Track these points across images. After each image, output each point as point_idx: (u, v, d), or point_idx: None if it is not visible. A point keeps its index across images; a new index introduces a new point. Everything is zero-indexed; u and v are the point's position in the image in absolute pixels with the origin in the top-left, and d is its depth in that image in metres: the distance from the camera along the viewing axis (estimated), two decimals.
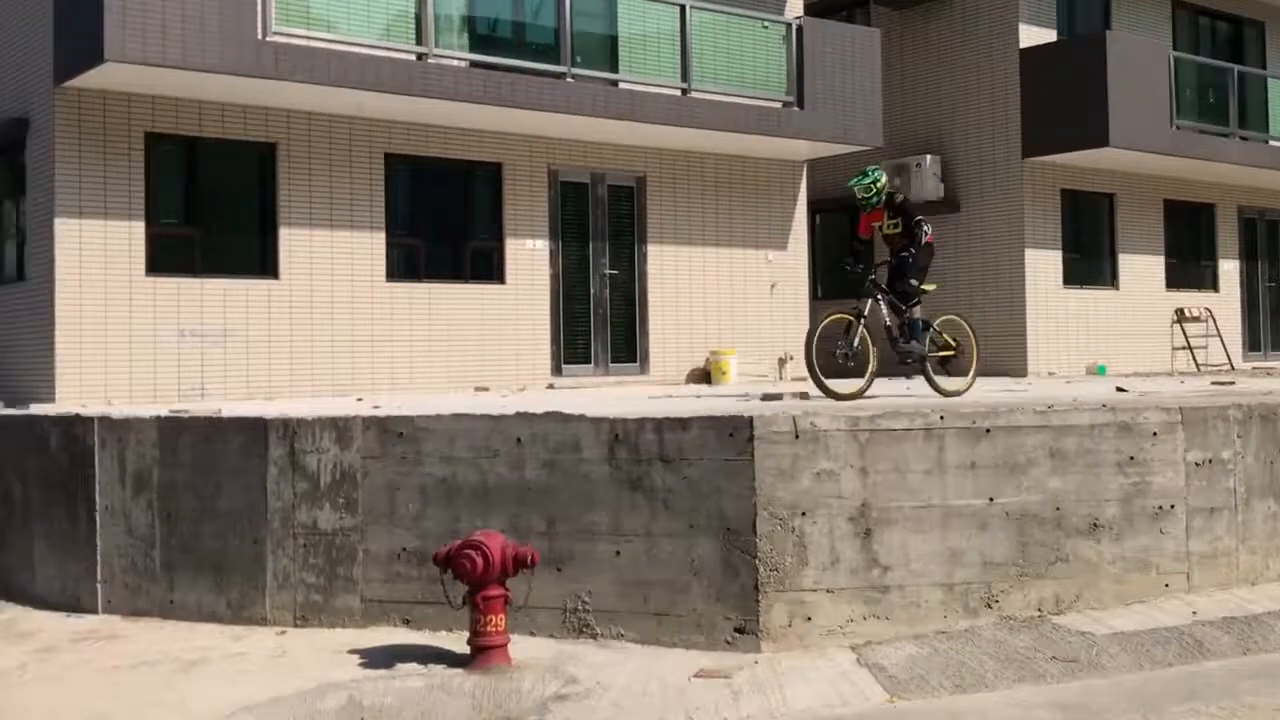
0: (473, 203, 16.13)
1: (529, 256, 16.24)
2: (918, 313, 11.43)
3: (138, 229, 13.53)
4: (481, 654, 7.59)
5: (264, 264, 14.39)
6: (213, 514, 9.27)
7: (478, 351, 15.67)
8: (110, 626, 9.19)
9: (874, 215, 11.41)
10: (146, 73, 12.72)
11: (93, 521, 9.75)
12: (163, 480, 9.50)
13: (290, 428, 9.09)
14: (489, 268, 16.02)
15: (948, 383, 11.66)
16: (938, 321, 11.64)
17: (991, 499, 8.40)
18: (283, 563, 8.96)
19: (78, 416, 10.18)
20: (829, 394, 10.58)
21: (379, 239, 15.07)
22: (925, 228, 11.28)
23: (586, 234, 16.85)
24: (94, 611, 9.63)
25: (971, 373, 11.96)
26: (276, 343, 14.21)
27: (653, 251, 17.35)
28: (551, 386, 15.98)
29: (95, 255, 13.28)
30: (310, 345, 14.44)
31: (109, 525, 9.70)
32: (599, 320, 16.88)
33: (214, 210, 14.23)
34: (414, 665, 7.71)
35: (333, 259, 14.70)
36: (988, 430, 8.45)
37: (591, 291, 16.83)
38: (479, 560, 7.62)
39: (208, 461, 9.35)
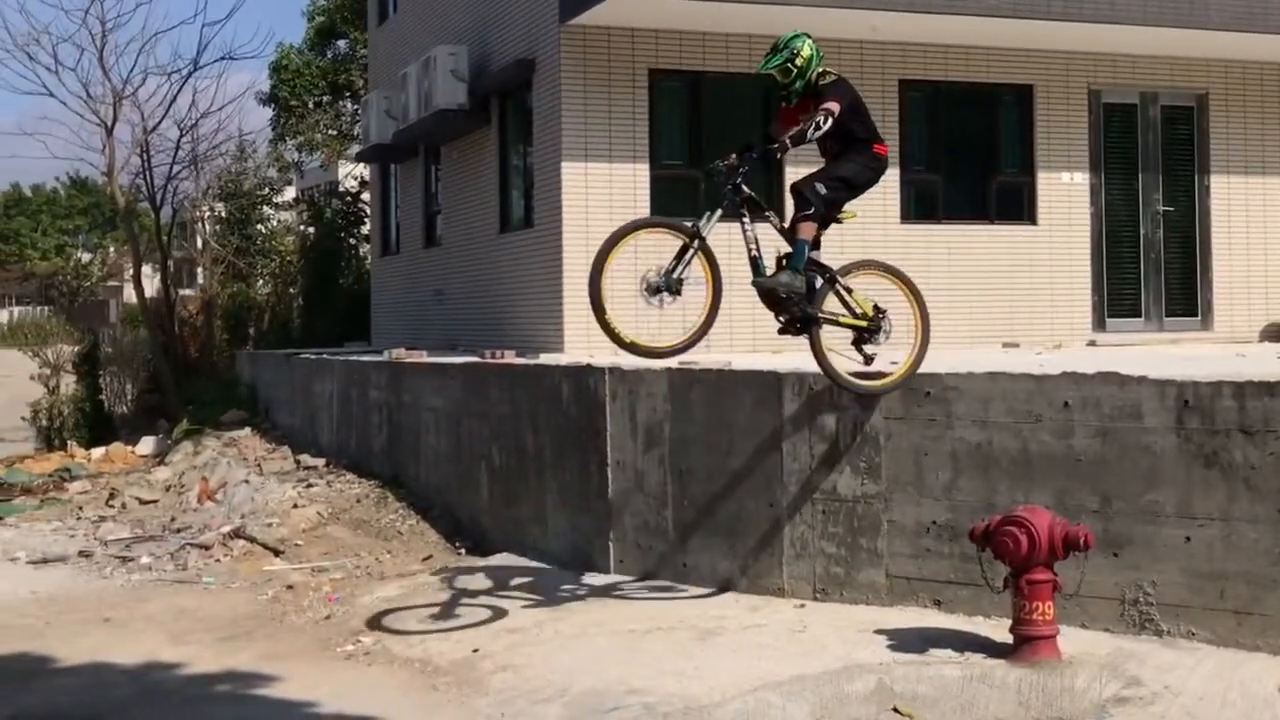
0: (998, 132, 15.78)
1: (1064, 192, 15.68)
2: (805, 233, 8.33)
3: (642, 172, 14.22)
4: (1026, 645, 7.42)
5: (770, 204, 14.65)
6: (725, 473, 9.60)
7: (1005, 303, 15.33)
8: (621, 587, 9.75)
9: (800, 108, 8.67)
10: (649, 5, 13.28)
11: (604, 477, 10.37)
12: (673, 435, 9.94)
13: (806, 383, 9.24)
14: (1017, 206, 15.62)
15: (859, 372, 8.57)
16: (845, 273, 8.66)
17: None
18: (800, 530, 9.16)
19: (588, 367, 10.84)
20: (629, 347, 8.09)
21: (893, 176, 15.01)
22: (828, 114, 8.22)
23: (1134, 165, 16.05)
24: (605, 571, 10.26)
25: (911, 356, 8.79)
26: None
27: (1217, 184, 16.24)
28: (1092, 343, 15.37)
29: (601, 199, 14.09)
30: None
31: (620, 481, 10.28)
32: (1150, 266, 16.05)
33: (718, 150, 14.64)
34: (948, 652, 7.65)
35: None
36: None
37: (1141, 233, 16.03)
38: (1023, 539, 7.44)
39: (719, 417, 9.69)
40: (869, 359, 8.70)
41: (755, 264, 8.49)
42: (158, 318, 26.28)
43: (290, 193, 36.68)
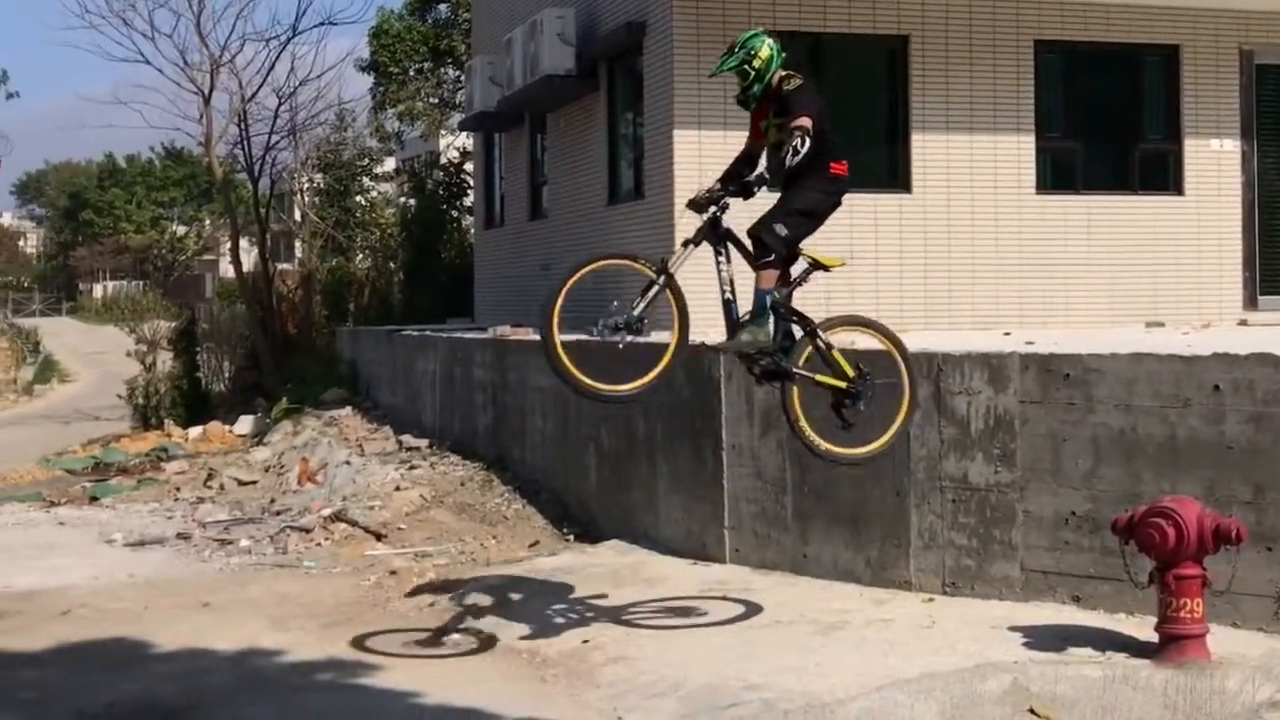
0: (1140, 96, 15.48)
1: (1214, 160, 15.32)
2: (766, 282, 7.79)
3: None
4: (1172, 644, 7.28)
5: (893, 175, 14.60)
6: None
7: (1148, 279, 15.03)
8: (739, 578, 9.72)
9: (760, 112, 8.15)
10: None
11: (719, 462, 10.34)
12: None
13: (935, 364, 9.13)
14: (1162, 176, 15.31)
15: (836, 441, 7.93)
16: (828, 328, 8.02)
17: None
18: (928, 520, 9.07)
19: (703, 346, 10.79)
20: (581, 389, 7.61)
21: (1027, 144, 14.81)
22: (803, 134, 7.60)
23: None
24: (720, 560, 10.23)
25: (894, 426, 8.14)
26: (909, 266, 14.38)
27: None
28: (1243, 323, 15.01)
29: (715, 170, 13.94)
30: (946, 270, 14.48)
31: (736, 467, 10.25)
32: None
33: (839, 117, 14.35)
34: (1088, 650, 7.54)
35: (972, 168, 14.63)
36: None
37: None
38: (1170, 531, 7.29)
39: None
40: (847, 424, 7.93)
41: (728, 308, 7.87)
42: (256, 293, 26.75)
43: (390, 164, 37.09)
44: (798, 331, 7.96)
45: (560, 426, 12.88)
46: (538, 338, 7.66)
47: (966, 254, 14.54)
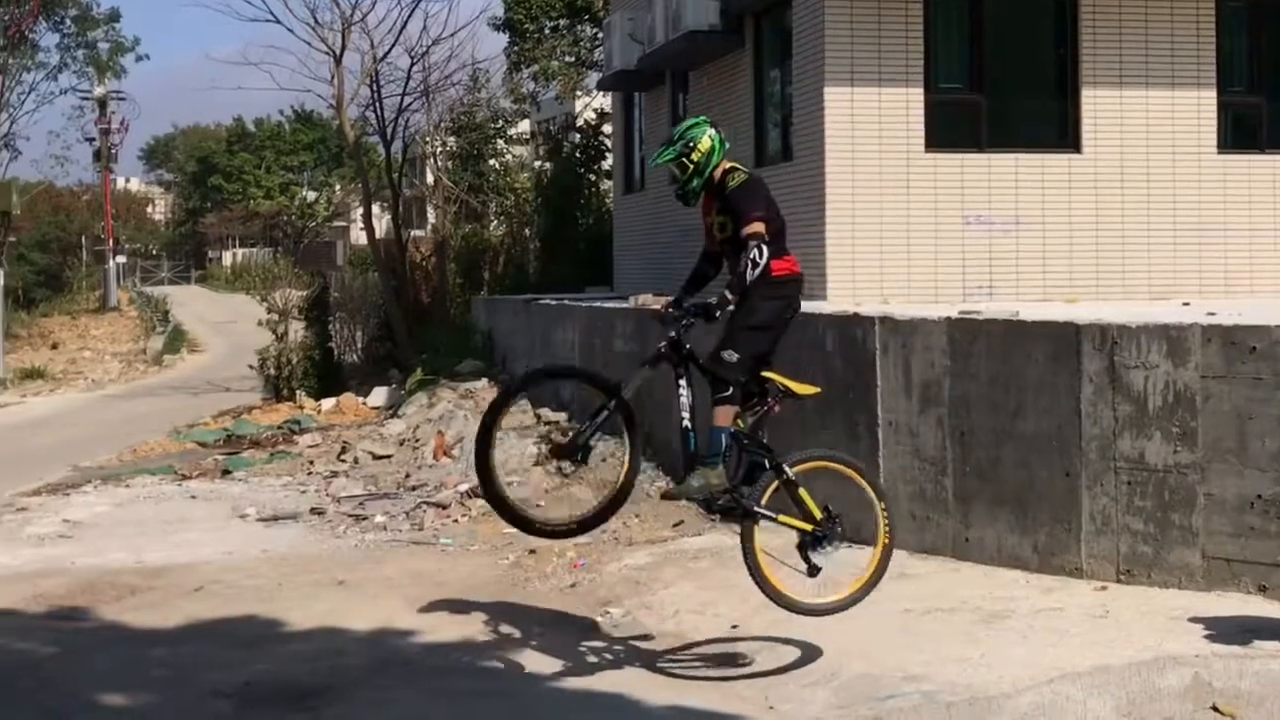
0: None
1: None
2: (722, 420, 7.40)
3: (915, 97, 13.97)
4: None
5: (1062, 134, 14.36)
6: (1013, 436, 9.39)
7: None
8: (895, 562, 9.50)
9: (705, 208, 7.73)
10: None
11: (874, 439, 10.25)
12: (954, 394, 9.76)
13: (1109, 336, 8.95)
14: None
15: (803, 587, 7.47)
16: (795, 465, 7.55)
17: None
18: (1101, 503, 8.90)
19: (856, 316, 10.72)
20: (522, 524, 7.43)
21: (1207, 99, 14.45)
22: (758, 242, 7.24)
23: None
24: (875, 544, 10.11)
25: (868, 571, 7.67)
26: (1079, 232, 14.13)
27: None
28: None
29: (868, 130, 13.89)
30: (1120, 236, 14.20)
31: (892, 444, 10.15)
32: None
33: (1002, 71, 14.36)
34: (1275, 644, 7.38)
35: (1148, 126, 14.32)
36: None
37: None
38: None
39: (1006, 373, 9.47)
40: (814, 569, 7.51)
41: (686, 439, 7.47)
42: (388, 261, 27.09)
43: (525, 126, 37.30)
44: (765, 464, 7.50)
45: (706, 400, 12.82)
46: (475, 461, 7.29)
47: (1141, 219, 14.24)
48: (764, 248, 7.25)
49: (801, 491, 7.52)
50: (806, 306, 11.62)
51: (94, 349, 43.46)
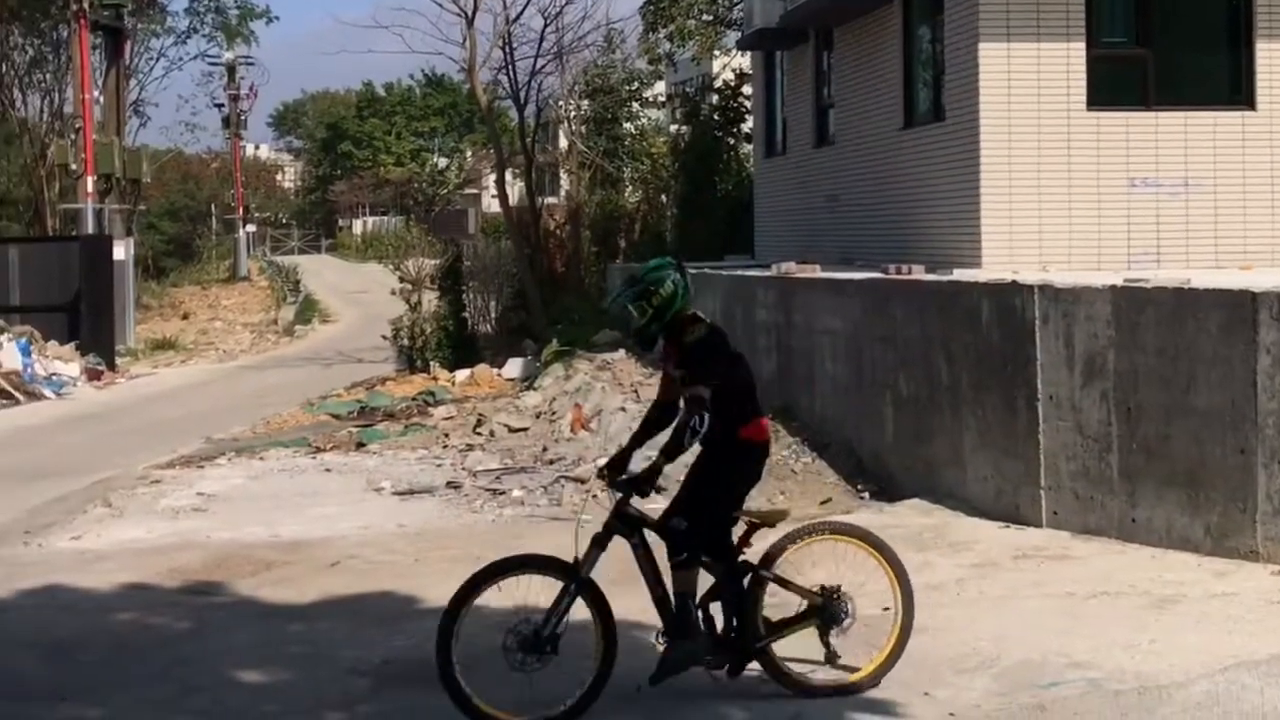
0: None
1: None
2: (682, 585, 7.14)
3: (1076, 52, 13.72)
4: None
5: (1235, 89, 14.03)
6: (1183, 412, 9.19)
7: None
8: (1057, 543, 9.51)
9: (666, 352, 7.39)
10: None
11: (1034, 414, 10.10)
12: (1119, 366, 9.57)
13: None
14: None
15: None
16: (783, 561, 7.21)
17: None
18: (1278, 482, 8.68)
19: (1014, 285, 10.55)
20: None
21: None
22: (699, 410, 6.95)
23: None
24: (1035, 524, 10.01)
25: (887, 647, 7.19)
26: (1254, 194, 13.84)
27: None
28: None
29: (1026, 87, 13.66)
30: None
31: (1053, 420, 9.99)
32: None
33: (1169, 24, 14.05)
34: None
35: None
36: None
37: None
38: None
39: (1175, 345, 9.27)
40: (832, 656, 7.21)
41: (662, 608, 7.24)
42: (522, 228, 27.27)
43: (661, 88, 37.27)
44: (745, 579, 7.20)
45: (853, 372, 12.77)
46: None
47: None
48: (705, 417, 6.96)
49: (796, 578, 7.23)
50: (959, 274, 11.52)
51: (224, 319, 44.38)
